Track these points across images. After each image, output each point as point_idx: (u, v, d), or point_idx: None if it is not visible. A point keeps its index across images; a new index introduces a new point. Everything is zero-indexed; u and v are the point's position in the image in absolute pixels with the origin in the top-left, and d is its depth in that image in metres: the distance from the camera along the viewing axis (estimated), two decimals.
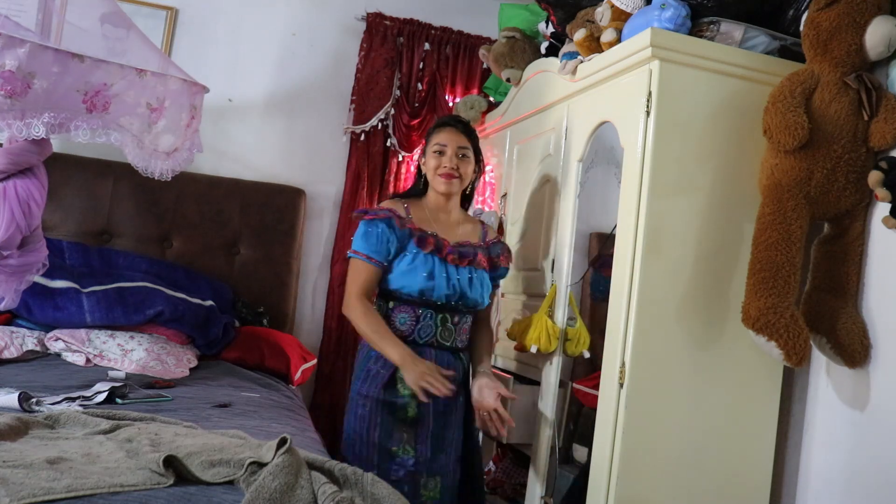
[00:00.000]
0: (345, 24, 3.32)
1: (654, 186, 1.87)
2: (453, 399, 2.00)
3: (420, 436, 2.00)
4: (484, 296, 2.10)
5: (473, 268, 2.07)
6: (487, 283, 2.12)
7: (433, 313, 2.03)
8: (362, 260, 2.02)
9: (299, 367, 2.72)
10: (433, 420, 2.01)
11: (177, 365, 2.45)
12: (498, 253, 2.17)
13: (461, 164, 2.10)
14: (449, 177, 2.09)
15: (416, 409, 1.99)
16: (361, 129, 3.24)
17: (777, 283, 1.75)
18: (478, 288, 2.07)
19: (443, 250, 2.03)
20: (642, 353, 1.86)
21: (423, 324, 2.02)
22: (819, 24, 1.79)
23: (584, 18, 2.24)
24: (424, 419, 2.00)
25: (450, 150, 2.09)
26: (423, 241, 2.03)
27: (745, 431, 1.96)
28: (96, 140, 1.95)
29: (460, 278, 2.04)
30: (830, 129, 1.77)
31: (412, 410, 1.99)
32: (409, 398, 1.98)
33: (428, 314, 2.02)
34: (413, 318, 2.02)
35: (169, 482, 1.22)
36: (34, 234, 2.04)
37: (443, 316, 2.03)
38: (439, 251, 2.03)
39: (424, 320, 2.02)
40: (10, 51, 1.71)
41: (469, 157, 2.13)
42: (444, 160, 2.09)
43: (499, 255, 2.17)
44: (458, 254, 2.05)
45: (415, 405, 1.98)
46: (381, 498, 1.26)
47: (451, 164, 2.09)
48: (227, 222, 3.07)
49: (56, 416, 1.57)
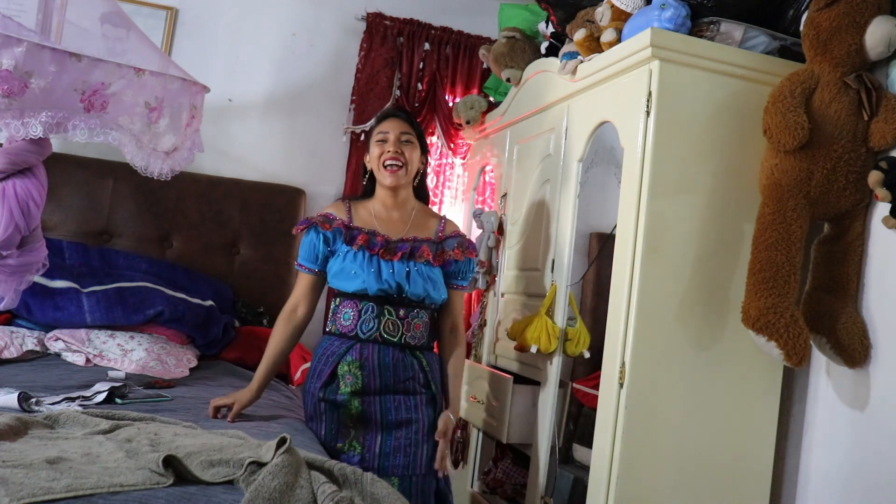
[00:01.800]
0: (345, 24, 3.32)
1: (654, 186, 1.87)
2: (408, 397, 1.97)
3: (368, 432, 1.96)
4: (431, 291, 2.00)
5: (413, 262, 1.99)
6: (436, 278, 2.02)
7: (374, 307, 1.97)
8: (300, 270, 2.06)
9: (299, 367, 2.71)
10: (381, 417, 1.96)
11: (177, 365, 2.45)
12: (453, 246, 2.07)
13: (405, 150, 2.05)
14: (393, 165, 2.03)
15: (360, 407, 1.95)
16: (361, 129, 3.24)
17: (777, 283, 1.75)
18: (418, 281, 1.97)
19: (374, 246, 1.98)
20: (642, 353, 1.86)
21: (365, 318, 1.97)
22: (819, 24, 1.79)
23: (584, 18, 2.25)
24: (371, 416, 1.96)
25: (392, 135, 2.05)
26: (353, 238, 1.99)
27: (745, 431, 1.96)
28: (94, 139, 1.95)
29: (394, 271, 1.96)
30: (830, 129, 1.77)
31: (355, 408, 1.95)
32: (348, 396, 1.94)
33: (369, 308, 1.97)
34: (355, 312, 1.98)
35: (168, 482, 1.22)
36: (34, 234, 2.04)
37: (386, 309, 1.97)
38: (370, 247, 1.98)
39: (365, 314, 1.97)
40: (7, 50, 1.70)
41: (413, 142, 2.07)
42: (386, 146, 2.05)
43: (452, 248, 2.07)
44: (389, 247, 1.99)
45: (357, 402, 1.95)
46: (380, 498, 1.26)
47: (394, 149, 2.04)
48: (227, 222, 3.07)
49: (56, 416, 1.57)
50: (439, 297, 2.04)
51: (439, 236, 2.10)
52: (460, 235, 2.14)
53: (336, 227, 2.01)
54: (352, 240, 1.99)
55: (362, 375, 1.95)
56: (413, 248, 2.01)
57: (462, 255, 2.08)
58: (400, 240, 2.03)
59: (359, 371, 1.95)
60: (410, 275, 1.97)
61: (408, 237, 2.05)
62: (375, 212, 2.09)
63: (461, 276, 2.12)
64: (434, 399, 2.03)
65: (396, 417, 1.96)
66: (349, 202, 2.12)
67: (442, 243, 2.08)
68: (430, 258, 2.01)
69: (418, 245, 2.03)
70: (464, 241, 2.12)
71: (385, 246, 1.99)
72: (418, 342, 2.02)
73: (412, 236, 2.05)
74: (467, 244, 2.12)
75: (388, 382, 1.96)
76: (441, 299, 2.06)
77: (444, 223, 2.15)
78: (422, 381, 2.01)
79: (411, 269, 1.98)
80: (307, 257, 2.04)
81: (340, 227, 2.01)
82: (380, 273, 1.95)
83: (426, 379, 2.03)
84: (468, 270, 2.14)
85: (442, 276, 2.06)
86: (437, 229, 2.12)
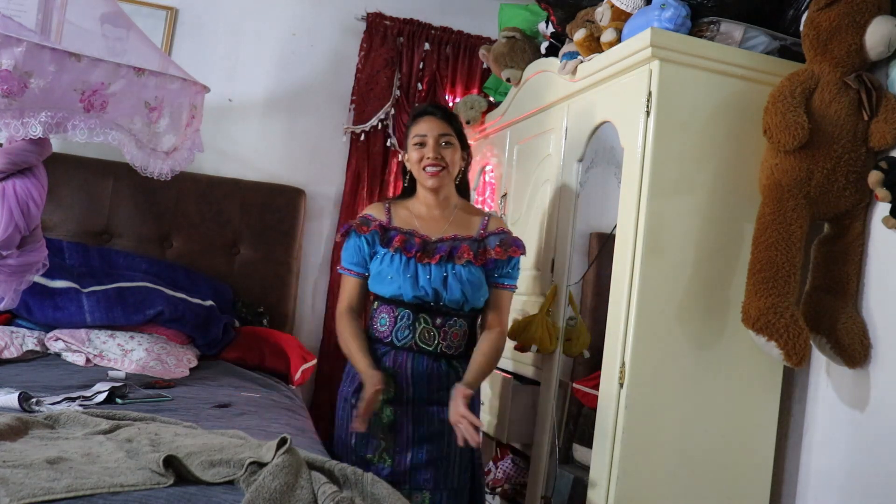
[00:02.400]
0: (345, 24, 3.32)
1: (654, 186, 1.87)
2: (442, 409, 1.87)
3: (399, 444, 1.89)
4: (470, 296, 1.92)
5: (452, 264, 1.91)
6: (476, 280, 1.93)
7: (410, 314, 1.91)
8: (344, 273, 2.02)
9: (299, 367, 2.72)
10: (413, 427, 1.89)
11: (177, 365, 2.45)
12: (494, 244, 1.97)
13: (445, 153, 1.98)
14: (434, 169, 1.96)
15: (392, 416, 1.89)
16: (361, 129, 3.24)
17: (777, 283, 1.75)
18: (455, 287, 1.90)
19: (412, 248, 1.91)
20: (642, 353, 1.86)
21: (400, 325, 1.91)
22: (819, 24, 1.78)
23: (584, 18, 2.24)
24: (402, 426, 1.89)
25: (430, 139, 1.97)
26: (390, 240, 1.93)
27: (745, 431, 1.96)
28: (94, 139, 1.95)
29: (431, 278, 1.89)
30: (830, 129, 1.77)
31: (387, 417, 1.89)
32: (381, 403, 1.86)
33: (404, 315, 1.91)
34: (391, 319, 1.93)
35: (169, 482, 1.22)
36: (34, 234, 2.04)
37: (422, 317, 1.91)
38: (407, 249, 1.91)
39: (401, 321, 1.91)
40: (6, 50, 1.70)
41: (453, 143, 2.00)
42: (426, 151, 1.97)
43: (494, 246, 1.96)
44: (427, 249, 1.92)
45: (390, 410, 1.89)
46: (381, 498, 1.26)
47: (433, 154, 1.96)
48: (227, 222, 3.07)
49: (56, 416, 1.57)
50: (479, 301, 1.97)
51: (481, 234, 2.01)
52: (504, 232, 2.03)
53: (373, 230, 1.95)
54: (388, 242, 1.93)
55: (395, 383, 1.90)
56: (452, 249, 1.93)
57: (504, 253, 1.96)
58: (439, 240, 1.96)
59: (392, 379, 1.89)
60: (448, 280, 1.90)
61: (448, 236, 1.97)
62: (416, 211, 2.03)
63: (502, 275, 2.00)
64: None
65: (429, 430, 1.90)
66: (389, 202, 2.07)
67: (484, 241, 1.99)
68: (472, 258, 1.92)
69: (458, 245, 1.94)
70: (507, 238, 2.00)
71: (423, 248, 1.92)
72: (455, 352, 1.96)
73: (452, 234, 1.98)
74: (510, 241, 2.00)
75: (421, 392, 1.91)
76: (482, 303, 1.98)
77: (487, 220, 2.05)
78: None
79: (449, 273, 1.91)
80: (352, 260, 1.99)
81: (377, 229, 1.95)
82: (416, 279, 1.89)
83: None
84: (512, 269, 2.01)
85: (484, 277, 1.96)
86: (480, 226, 2.03)
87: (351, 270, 2.00)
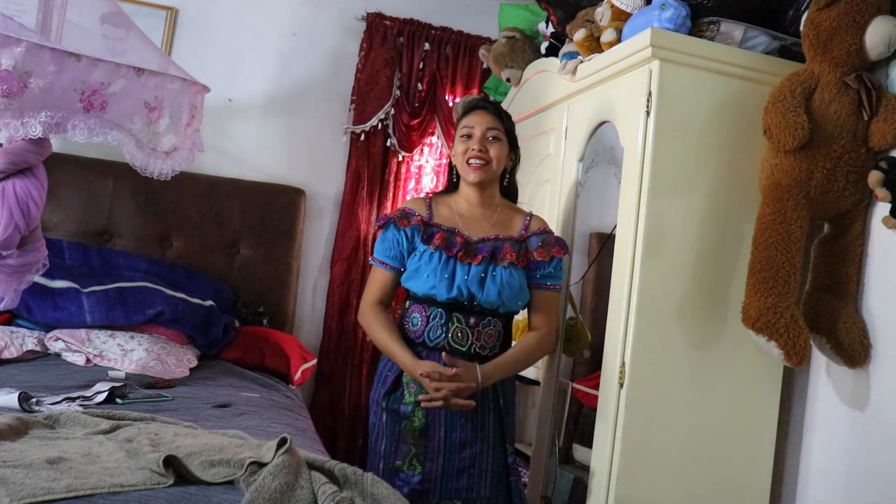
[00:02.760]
0: (345, 24, 3.32)
1: (654, 186, 1.87)
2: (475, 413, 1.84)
3: (430, 451, 1.83)
4: (506, 299, 1.87)
5: (494, 265, 1.87)
6: (517, 283, 1.88)
7: (443, 313, 1.86)
8: (376, 266, 1.95)
9: (299, 367, 2.71)
10: (445, 433, 1.83)
11: (177, 365, 2.45)
12: (536, 245, 1.92)
13: (491, 147, 1.92)
14: (478, 163, 1.90)
15: (424, 420, 1.83)
16: (361, 129, 3.24)
17: (777, 283, 1.75)
18: (492, 288, 1.85)
19: (453, 247, 1.86)
20: (642, 353, 1.86)
21: (433, 324, 1.87)
22: (819, 24, 1.79)
23: (584, 18, 2.24)
24: (434, 432, 1.83)
25: (478, 131, 1.92)
26: (431, 237, 1.88)
27: (745, 431, 1.96)
28: (94, 139, 1.94)
29: (469, 276, 1.85)
30: (830, 129, 1.77)
31: (419, 420, 1.83)
32: (414, 406, 1.83)
33: (437, 314, 1.86)
34: (424, 318, 1.88)
35: (169, 482, 1.22)
36: (34, 234, 2.04)
37: (455, 316, 1.86)
38: (448, 248, 1.86)
39: (434, 321, 1.86)
40: (6, 50, 1.70)
41: (501, 138, 1.94)
42: (471, 143, 1.92)
43: (536, 247, 1.92)
44: (469, 249, 1.88)
45: (422, 414, 1.83)
46: (380, 498, 1.26)
47: (479, 147, 1.90)
48: (227, 222, 3.07)
49: (56, 416, 1.57)
50: (517, 304, 1.91)
51: (523, 234, 1.95)
52: (546, 232, 1.97)
53: (415, 224, 1.90)
54: (429, 238, 1.87)
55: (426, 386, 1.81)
56: (495, 250, 1.88)
57: (547, 254, 1.92)
58: (481, 240, 1.91)
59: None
60: (486, 281, 1.85)
61: (490, 236, 1.92)
62: (458, 209, 1.97)
63: (545, 276, 1.94)
64: (502, 414, 1.91)
65: (461, 436, 1.84)
66: (430, 198, 2.01)
67: (525, 241, 1.94)
68: (514, 259, 1.88)
69: (500, 245, 1.90)
70: (549, 238, 1.95)
71: (465, 248, 1.87)
72: (489, 352, 1.90)
73: (494, 234, 1.93)
74: (553, 242, 1.95)
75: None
76: (520, 306, 1.93)
77: (529, 219, 2.00)
78: (490, 395, 1.89)
79: (488, 274, 1.86)
80: (388, 254, 1.92)
81: (419, 224, 1.90)
82: (453, 279, 1.84)
83: (495, 393, 1.90)
84: (556, 269, 1.96)
85: (525, 280, 1.91)
86: (522, 226, 1.97)
87: (386, 264, 1.93)
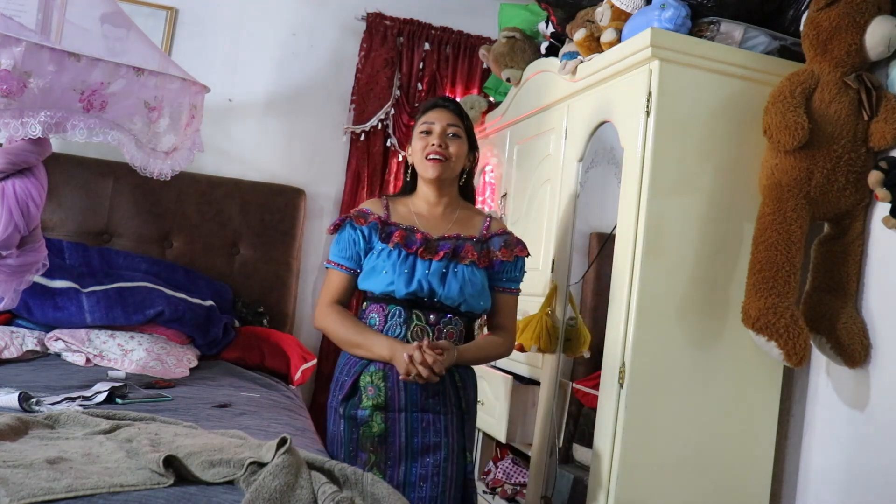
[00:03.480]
0: (345, 24, 3.32)
1: (654, 186, 1.87)
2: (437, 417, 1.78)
3: (391, 458, 1.76)
4: (468, 296, 1.81)
5: (456, 262, 1.82)
6: (478, 282, 1.83)
7: (402, 311, 1.79)
8: (331, 268, 1.88)
9: (299, 367, 2.71)
10: (406, 439, 1.76)
11: (177, 365, 2.45)
12: (499, 246, 1.89)
13: (451, 144, 1.87)
14: (436, 158, 1.86)
15: (383, 425, 1.76)
16: (361, 129, 3.24)
17: (777, 283, 1.75)
18: (454, 283, 1.79)
19: (412, 244, 1.81)
20: (642, 353, 1.86)
21: (392, 323, 1.80)
22: (819, 24, 1.79)
23: (584, 18, 2.25)
24: (394, 438, 1.76)
25: (438, 128, 1.87)
26: (390, 234, 1.82)
27: (745, 431, 1.96)
28: (94, 139, 1.94)
29: (430, 272, 1.79)
30: (830, 129, 1.77)
31: (377, 426, 1.76)
32: (370, 411, 1.76)
33: (396, 312, 1.79)
34: (382, 317, 1.81)
35: (169, 482, 1.22)
36: (33, 234, 2.04)
37: (415, 314, 1.79)
38: (408, 245, 1.81)
39: (393, 319, 1.80)
40: (6, 50, 1.70)
41: (460, 136, 1.90)
42: (430, 139, 1.87)
43: (499, 248, 1.88)
44: (430, 246, 1.82)
45: (380, 419, 1.76)
46: (380, 498, 1.26)
47: (438, 142, 1.86)
48: (227, 222, 3.07)
49: (56, 416, 1.57)
50: (479, 304, 1.85)
51: (484, 234, 1.92)
52: (507, 233, 1.94)
53: (372, 223, 1.84)
54: (388, 237, 1.82)
55: (385, 388, 1.76)
56: (456, 248, 1.84)
57: (510, 254, 1.88)
58: (442, 238, 1.86)
59: (382, 382, 1.76)
60: (447, 277, 1.80)
61: (450, 234, 1.87)
62: (416, 209, 1.92)
63: (509, 278, 1.92)
64: (464, 419, 1.84)
65: (423, 441, 1.77)
66: (387, 198, 1.96)
67: (487, 242, 1.90)
68: (476, 259, 1.83)
69: (462, 244, 1.85)
70: (510, 239, 1.92)
71: (425, 244, 1.82)
72: None
73: (455, 233, 1.88)
74: (515, 242, 1.92)
75: (414, 397, 1.77)
76: (481, 308, 1.87)
77: (489, 221, 1.96)
78: (452, 398, 1.82)
79: (450, 270, 1.81)
80: (342, 254, 1.86)
81: (376, 222, 1.84)
82: (413, 274, 1.79)
83: (457, 397, 1.83)
84: (517, 271, 1.94)
85: (486, 281, 1.87)
86: (483, 227, 1.94)
87: (341, 265, 1.86)
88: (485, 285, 1.87)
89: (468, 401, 1.86)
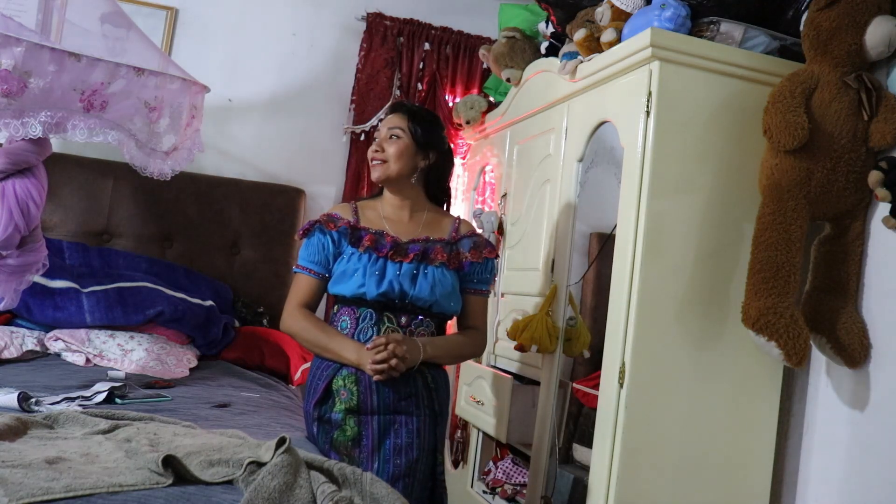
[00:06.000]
0: (345, 24, 3.33)
1: (654, 186, 1.87)
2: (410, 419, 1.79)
3: (363, 460, 1.76)
4: (439, 297, 1.83)
5: (426, 264, 1.83)
6: (448, 283, 1.85)
7: (373, 314, 1.80)
8: (299, 272, 1.89)
9: (299, 367, 2.71)
10: (379, 442, 1.77)
11: (177, 365, 2.45)
12: (469, 248, 1.91)
13: (388, 146, 1.89)
14: (374, 162, 1.90)
15: (356, 428, 1.77)
16: (361, 129, 3.24)
17: (777, 284, 1.75)
18: (424, 284, 1.81)
19: (383, 248, 1.82)
20: (642, 353, 1.86)
21: (363, 325, 1.80)
22: (819, 24, 1.78)
23: (584, 18, 2.24)
24: (367, 441, 1.77)
25: (383, 131, 1.91)
26: (360, 239, 1.84)
27: (745, 431, 1.95)
28: (94, 139, 1.95)
29: (400, 273, 1.80)
30: (830, 130, 1.77)
31: (351, 429, 1.77)
32: (343, 414, 1.77)
33: (367, 314, 1.80)
34: (353, 320, 1.82)
35: (168, 482, 1.22)
36: (33, 234, 2.04)
37: (386, 316, 1.80)
38: (378, 249, 1.82)
39: (364, 322, 1.80)
40: (6, 50, 1.71)
41: (400, 136, 1.89)
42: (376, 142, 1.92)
43: (469, 249, 1.90)
44: (400, 249, 1.83)
45: (353, 423, 1.77)
46: (379, 497, 1.26)
47: (376, 147, 1.89)
48: (227, 222, 3.07)
49: (55, 416, 1.57)
50: (450, 306, 1.87)
51: (453, 236, 1.94)
52: (476, 235, 1.97)
53: (342, 227, 1.86)
54: (358, 241, 1.84)
55: (358, 391, 1.77)
56: (426, 249, 1.86)
57: (479, 255, 1.91)
58: (411, 240, 1.87)
59: (354, 386, 1.77)
60: (417, 278, 1.82)
61: (420, 237, 1.89)
62: (385, 213, 1.94)
63: (479, 280, 1.95)
64: (436, 421, 1.86)
65: (395, 442, 1.78)
66: (356, 203, 1.98)
67: (456, 244, 1.92)
68: (445, 260, 1.85)
69: (431, 246, 1.87)
70: (479, 240, 1.95)
71: (395, 247, 1.84)
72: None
73: (425, 236, 1.90)
74: (483, 243, 1.95)
75: (386, 400, 1.77)
76: (452, 309, 1.89)
77: (458, 223, 1.99)
78: (425, 400, 1.83)
79: (420, 271, 1.83)
80: (311, 258, 1.87)
81: (346, 227, 1.86)
82: (383, 275, 1.80)
83: (430, 398, 1.84)
84: (487, 272, 1.96)
85: (457, 283, 1.90)
86: (452, 229, 1.96)
87: (310, 269, 1.87)
88: (455, 286, 1.89)
89: (441, 402, 1.88)
